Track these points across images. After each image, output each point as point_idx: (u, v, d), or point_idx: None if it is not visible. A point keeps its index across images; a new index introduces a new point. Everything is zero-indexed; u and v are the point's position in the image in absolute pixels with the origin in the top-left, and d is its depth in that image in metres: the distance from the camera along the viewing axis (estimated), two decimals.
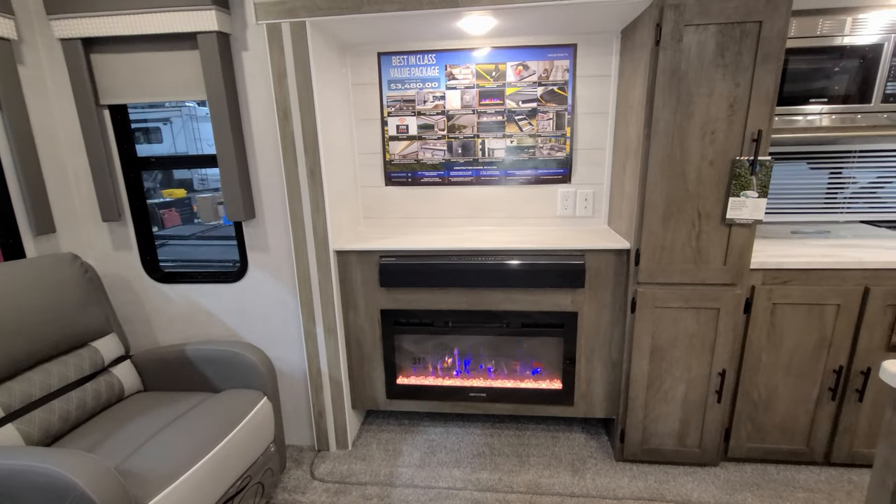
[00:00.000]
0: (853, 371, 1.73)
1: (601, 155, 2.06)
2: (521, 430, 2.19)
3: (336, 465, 2.01)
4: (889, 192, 2.18)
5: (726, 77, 1.52)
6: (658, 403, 1.84)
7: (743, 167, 1.57)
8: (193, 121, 11.09)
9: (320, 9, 1.60)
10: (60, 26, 1.69)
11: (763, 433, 1.85)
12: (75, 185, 1.95)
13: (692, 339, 1.76)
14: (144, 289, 2.06)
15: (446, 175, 2.14)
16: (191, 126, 11.03)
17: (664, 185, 1.63)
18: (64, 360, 1.60)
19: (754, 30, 1.47)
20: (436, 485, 1.87)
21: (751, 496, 1.76)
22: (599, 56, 1.95)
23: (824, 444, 1.83)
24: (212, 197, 7.58)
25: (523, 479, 1.88)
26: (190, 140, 11.11)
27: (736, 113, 1.55)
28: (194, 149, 11.01)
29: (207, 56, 1.67)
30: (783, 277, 1.69)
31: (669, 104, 1.56)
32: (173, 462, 1.34)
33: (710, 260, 1.68)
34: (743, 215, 1.61)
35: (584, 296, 1.86)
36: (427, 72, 2.02)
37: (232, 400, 1.66)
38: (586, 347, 1.93)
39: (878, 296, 1.65)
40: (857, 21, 1.66)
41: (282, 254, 1.97)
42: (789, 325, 1.72)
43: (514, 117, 2.04)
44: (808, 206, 2.23)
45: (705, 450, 1.87)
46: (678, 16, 1.48)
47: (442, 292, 1.93)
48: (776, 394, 1.80)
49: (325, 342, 1.96)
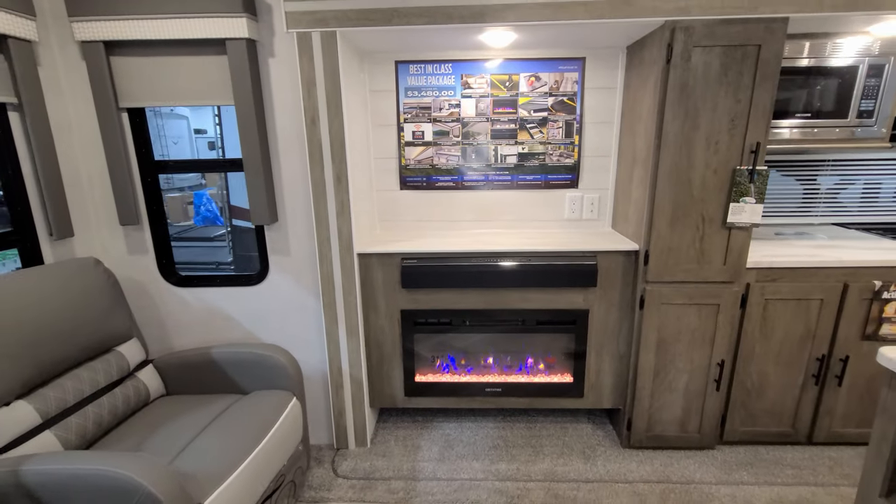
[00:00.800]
0: (833, 359, 1.93)
1: (606, 161, 2.19)
2: (532, 422, 2.31)
3: (358, 462, 2.06)
4: (857, 196, 2.41)
5: (728, 94, 1.67)
6: (662, 393, 1.99)
7: (742, 176, 1.73)
8: (158, 117, 10.70)
9: (350, 20, 1.66)
10: (82, 28, 1.67)
11: (755, 417, 2.03)
12: (89, 188, 1.92)
13: (694, 333, 1.91)
14: (160, 293, 2.05)
15: (460, 180, 2.23)
16: (154, 123, 10.60)
17: (672, 192, 1.78)
18: (93, 366, 1.60)
19: (754, 52, 1.63)
20: (458, 476, 1.96)
21: (746, 474, 1.93)
22: (606, 69, 2.08)
23: (808, 426, 2.03)
24: (181, 196, 7.34)
25: (539, 468, 2.00)
26: (155, 137, 10.69)
27: (736, 126, 1.70)
28: (159, 146, 10.59)
29: (236, 62, 1.70)
30: (774, 275, 1.87)
31: (678, 117, 1.70)
32: (221, 462, 1.37)
33: (711, 260, 1.83)
34: (742, 219, 1.77)
35: (595, 294, 1.99)
36: (443, 80, 2.10)
37: (264, 401, 1.69)
38: (596, 342, 2.05)
39: (856, 291, 1.85)
40: (835, 45, 1.85)
41: (303, 257, 2.00)
42: (779, 319, 1.91)
43: (526, 125, 2.15)
44: (787, 209, 2.44)
45: (704, 434, 2.03)
46: (688, 37, 1.62)
47: (461, 293, 2.01)
48: (766, 381, 1.98)
49: (347, 342, 2.01)
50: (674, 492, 1.84)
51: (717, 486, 1.87)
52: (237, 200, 4.90)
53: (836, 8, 1.56)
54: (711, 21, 1.60)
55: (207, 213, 7.54)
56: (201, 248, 6.61)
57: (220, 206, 5.97)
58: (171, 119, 10.41)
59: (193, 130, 9.20)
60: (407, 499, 1.85)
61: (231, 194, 4.94)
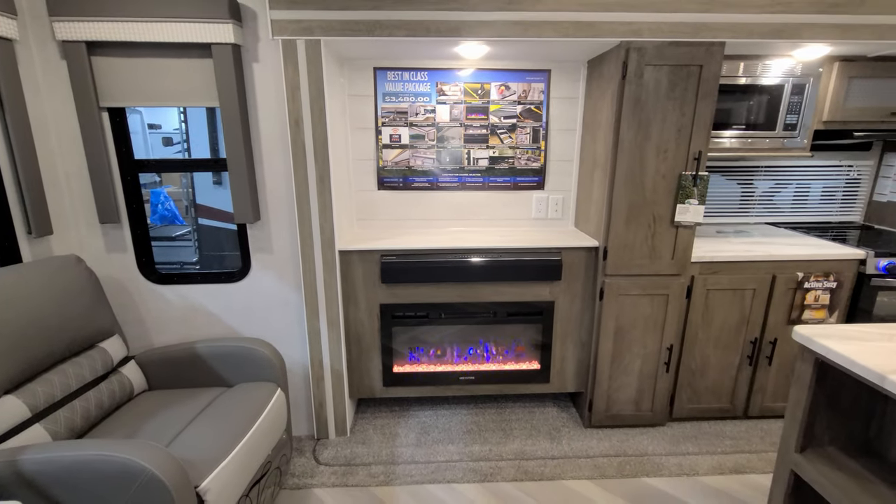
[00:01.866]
0: (764, 341, 2.20)
1: (570, 166, 2.38)
2: (502, 408, 2.47)
3: (338, 450, 2.16)
4: (786, 199, 2.72)
5: (675, 108, 1.89)
6: (620, 376, 2.20)
7: (687, 180, 1.95)
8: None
9: (335, 30, 1.75)
10: (64, 28, 1.68)
11: (699, 395, 2.28)
12: (67, 186, 1.92)
13: (647, 320, 2.13)
14: (139, 291, 2.06)
15: (435, 181, 2.36)
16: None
17: (627, 194, 1.98)
18: (78, 362, 1.62)
19: (696, 71, 1.85)
20: (434, 459, 2.09)
21: (691, 446, 2.16)
22: (569, 81, 2.27)
23: (744, 402, 2.29)
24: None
25: (510, 448, 2.16)
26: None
27: (682, 136, 1.92)
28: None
29: (222, 66, 1.76)
30: (714, 268, 2.11)
31: (633, 127, 1.90)
32: (214, 448, 1.45)
33: (661, 255, 2.05)
34: (687, 218, 1.99)
35: (560, 287, 2.17)
36: (419, 87, 2.23)
37: (250, 392, 1.77)
38: (561, 331, 2.24)
39: (782, 281, 2.11)
40: (766, 66, 2.11)
41: (286, 254, 2.08)
42: (719, 307, 2.15)
43: (497, 131, 2.31)
44: (728, 210, 2.72)
45: (656, 412, 2.26)
46: (640, 57, 1.82)
47: (437, 287, 2.15)
48: (708, 363, 2.23)
49: (328, 336, 2.10)
50: (629, 463, 2.05)
51: (666, 457, 2.09)
52: (203, 199, 4.83)
53: (764, 36, 1.80)
54: (660, 43, 1.81)
55: (166, 212, 7.30)
56: (162, 247, 6.42)
57: (185, 205, 5.82)
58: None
59: (147, 125, 8.88)
60: (387, 481, 1.96)
61: (197, 193, 4.87)
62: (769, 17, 1.77)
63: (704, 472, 2.01)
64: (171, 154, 7.23)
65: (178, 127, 5.89)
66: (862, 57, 2.14)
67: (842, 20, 1.80)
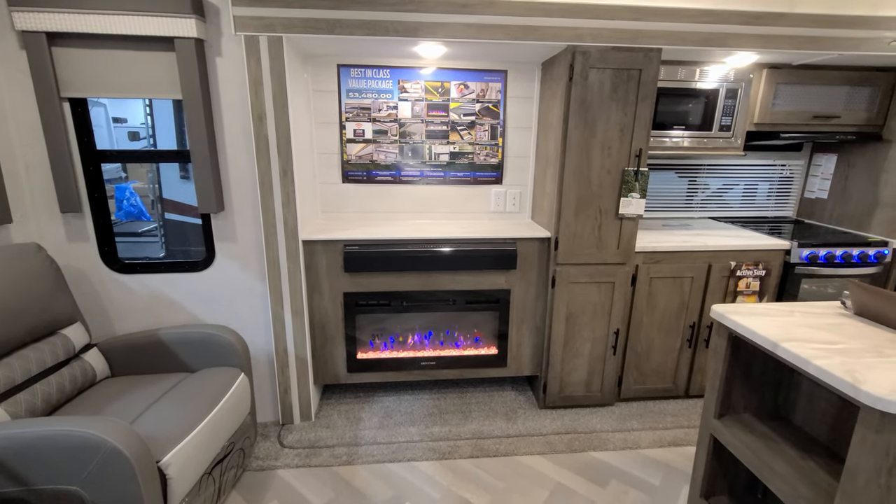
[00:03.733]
0: (702, 325, 2.38)
1: (526, 161, 2.52)
2: (463, 392, 2.59)
3: (303, 434, 2.23)
4: (728, 195, 2.93)
5: (618, 108, 2.04)
6: (571, 359, 2.35)
7: (629, 175, 2.11)
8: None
9: (297, 27, 1.83)
10: (24, 18, 1.70)
11: (644, 377, 2.45)
12: (26, 176, 1.93)
13: (595, 306, 2.28)
14: (102, 280, 2.09)
15: (398, 175, 2.45)
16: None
17: (576, 188, 2.12)
18: (39, 347, 1.65)
19: (636, 75, 2.01)
20: (396, 440, 2.19)
21: (636, 423, 2.33)
22: (525, 82, 2.40)
23: (685, 382, 2.48)
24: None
25: (468, 428, 2.28)
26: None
27: (624, 135, 2.08)
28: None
29: (185, 60, 1.81)
30: (657, 258, 2.28)
31: (579, 126, 2.04)
32: (177, 425, 1.51)
33: (608, 245, 2.21)
34: (630, 211, 2.15)
35: (515, 276, 2.30)
36: (382, 84, 2.32)
37: (214, 377, 1.82)
38: (517, 318, 2.37)
39: (717, 270, 2.30)
40: (702, 71, 2.29)
41: (250, 243, 2.13)
42: (661, 294, 2.32)
43: (457, 127, 2.42)
44: (673, 206, 2.92)
45: (605, 393, 2.42)
46: (585, 60, 1.96)
47: (399, 276, 2.24)
48: (653, 346, 2.40)
49: (293, 324, 2.17)
50: (578, 440, 2.20)
51: (612, 434, 2.25)
52: (170, 194, 4.79)
53: (695, 43, 1.97)
54: (603, 48, 1.95)
55: (131, 207, 7.14)
56: (127, 243, 6.29)
57: (151, 200, 5.72)
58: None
59: (112, 119, 8.66)
60: (350, 461, 2.05)
61: (164, 188, 4.82)
62: (699, 27, 1.94)
63: (646, 445, 2.17)
64: (138, 148, 7.06)
65: (145, 121, 5.78)
66: (787, 65, 2.35)
67: (764, 31, 1.98)
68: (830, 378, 1.10)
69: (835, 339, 1.27)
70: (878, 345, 1.24)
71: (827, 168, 2.80)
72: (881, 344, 1.24)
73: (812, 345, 1.23)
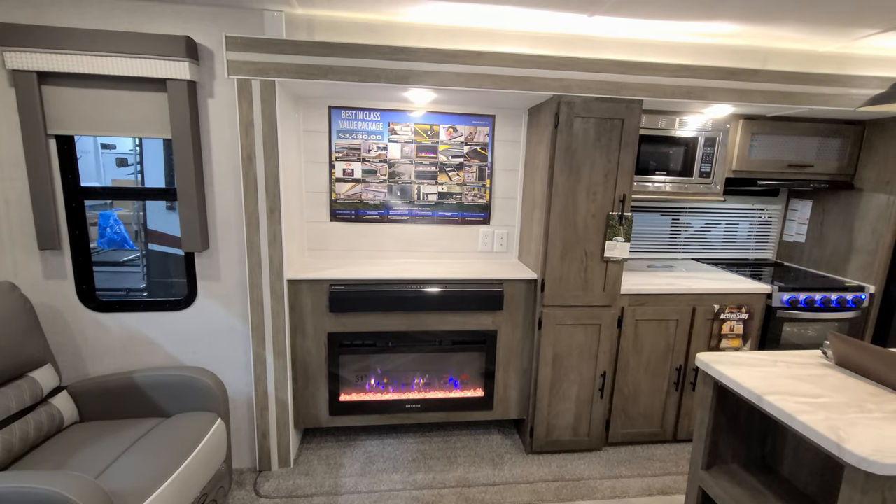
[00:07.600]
0: (688, 368, 2.38)
1: (513, 203, 2.55)
2: (448, 435, 2.52)
3: (280, 482, 2.13)
4: (710, 237, 3.00)
5: (602, 155, 2.10)
6: (558, 402, 2.32)
7: (614, 220, 2.15)
8: None
9: (290, 72, 1.87)
10: (14, 58, 1.71)
11: (632, 420, 2.42)
12: (5, 211, 1.89)
13: (582, 348, 2.27)
14: (77, 319, 2.02)
15: (386, 214, 2.46)
16: None
17: (561, 231, 2.15)
18: (4, 392, 1.57)
19: (619, 124, 2.08)
20: (378, 489, 2.10)
21: (625, 469, 2.28)
22: (512, 126, 2.47)
23: (672, 426, 2.45)
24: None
25: (453, 475, 2.21)
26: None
27: (609, 180, 2.13)
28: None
29: (176, 101, 1.82)
30: (642, 300, 2.30)
31: (565, 171, 2.09)
32: (145, 479, 1.43)
33: (593, 288, 2.22)
34: (615, 254, 2.18)
35: (502, 317, 2.29)
36: (372, 126, 2.36)
37: (189, 423, 1.75)
38: (503, 359, 2.35)
39: (702, 313, 2.32)
40: (682, 121, 2.38)
41: (233, 283, 2.10)
42: (647, 336, 2.33)
43: (445, 169, 2.46)
44: (657, 247, 2.97)
45: (593, 437, 2.38)
46: (570, 109, 2.03)
47: (385, 316, 2.22)
48: (640, 389, 2.39)
49: (274, 365, 2.11)
50: (566, 487, 2.14)
51: (601, 481, 2.19)
52: (155, 224, 4.73)
53: (675, 96, 2.06)
54: (587, 98, 2.03)
55: (115, 235, 7.02)
56: (108, 272, 6.14)
57: (135, 230, 5.64)
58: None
59: (101, 145, 8.64)
60: None
61: (149, 218, 4.76)
62: (679, 81, 2.03)
63: (635, 494, 2.12)
64: (125, 175, 7.00)
65: (133, 149, 5.78)
66: (761, 116, 2.46)
67: (739, 86, 2.08)
68: (814, 435, 1.10)
69: (818, 392, 1.28)
70: (860, 399, 1.24)
71: (803, 213, 2.89)
72: (863, 398, 1.25)
73: (796, 398, 1.24)
